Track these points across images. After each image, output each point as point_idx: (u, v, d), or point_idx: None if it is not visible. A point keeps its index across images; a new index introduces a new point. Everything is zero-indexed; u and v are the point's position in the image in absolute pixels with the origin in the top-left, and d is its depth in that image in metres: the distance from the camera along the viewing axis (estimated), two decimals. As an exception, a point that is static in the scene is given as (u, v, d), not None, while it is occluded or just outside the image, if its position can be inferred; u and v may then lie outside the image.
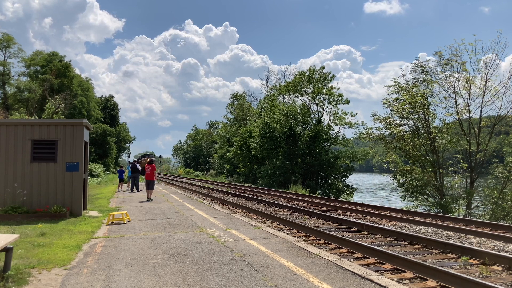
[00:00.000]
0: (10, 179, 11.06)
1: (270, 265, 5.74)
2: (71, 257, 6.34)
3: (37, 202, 11.10)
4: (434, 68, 22.93)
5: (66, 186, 11.36)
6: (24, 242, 7.40)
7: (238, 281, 5.00)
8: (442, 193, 20.98)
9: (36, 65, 50.72)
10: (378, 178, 56.40)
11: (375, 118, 24.05)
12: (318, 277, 5.16)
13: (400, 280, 5.65)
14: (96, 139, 56.48)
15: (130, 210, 12.50)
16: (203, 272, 5.43)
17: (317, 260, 6.09)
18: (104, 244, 7.44)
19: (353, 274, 5.28)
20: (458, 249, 7.32)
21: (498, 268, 6.34)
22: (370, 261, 6.81)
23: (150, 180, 17.46)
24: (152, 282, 4.98)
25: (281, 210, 14.70)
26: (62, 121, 13.27)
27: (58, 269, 5.62)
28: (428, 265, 5.91)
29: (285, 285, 4.83)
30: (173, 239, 7.87)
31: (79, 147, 11.59)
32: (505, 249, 7.82)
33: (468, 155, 21.27)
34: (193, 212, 12.43)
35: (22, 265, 5.66)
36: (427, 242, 8.03)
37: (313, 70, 38.47)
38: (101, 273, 5.40)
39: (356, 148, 38.42)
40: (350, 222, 10.91)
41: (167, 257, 6.29)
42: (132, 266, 5.78)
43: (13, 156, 11.13)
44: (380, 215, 12.63)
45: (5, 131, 11.21)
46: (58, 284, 4.97)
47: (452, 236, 9.22)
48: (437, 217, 12.26)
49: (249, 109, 59.90)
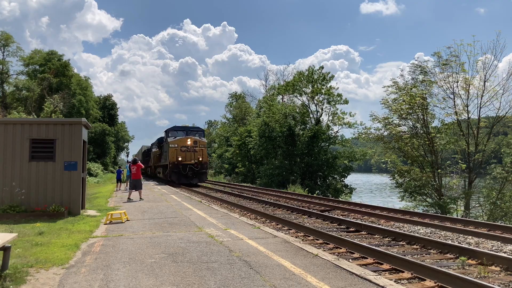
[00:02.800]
0: (8, 178, 11.04)
1: (268, 265, 5.74)
2: (69, 256, 6.33)
3: (35, 201, 11.08)
4: (432, 69, 22.97)
5: (64, 185, 11.34)
6: (22, 241, 7.39)
7: (236, 280, 5.00)
8: (441, 193, 21.01)
9: (34, 64, 50.55)
10: (376, 178, 56.50)
11: (374, 118, 24.09)
12: (317, 277, 5.17)
13: (398, 280, 5.65)
14: (95, 138, 56.35)
15: (128, 210, 12.49)
16: (201, 271, 5.43)
17: (316, 260, 6.09)
18: (102, 243, 7.43)
19: (351, 274, 5.28)
20: (456, 249, 7.33)
21: (496, 268, 6.35)
22: (369, 261, 6.82)
23: (137, 180, 17.27)
24: (150, 282, 4.98)
25: (280, 210, 14.70)
26: (61, 120, 13.24)
27: (56, 268, 5.62)
28: (426, 265, 5.92)
29: (284, 284, 4.83)
30: (171, 238, 7.87)
31: (78, 146, 11.57)
32: (503, 249, 7.83)
33: (467, 156, 21.30)
34: (191, 211, 12.43)
35: (20, 264, 5.65)
36: (425, 242, 8.04)
37: (312, 70, 38.47)
38: (99, 272, 5.39)
39: (355, 148, 38.44)
40: (348, 222, 10.91)
41: (166, 257, 6.29)
42: (130, 265, 5.78)
43: (12, 155, 11.11)
44: (378, 215, 12.64)
45: (3, 130, 11.18)
46: (56, 283, 4.96)
47: (450, 236, 9.24)
48: (435, 218, 12.27)
49: (248, 109, 59.88)
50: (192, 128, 34.09)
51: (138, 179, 17.32)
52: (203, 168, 29.62)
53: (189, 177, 28.74)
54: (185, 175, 28.56)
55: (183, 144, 28.84)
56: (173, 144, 29.10)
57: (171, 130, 31.38)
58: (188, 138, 29.26)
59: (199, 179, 29.68)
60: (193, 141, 29.15)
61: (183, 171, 28.43)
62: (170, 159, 28.74)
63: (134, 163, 17.73)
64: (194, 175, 29.09)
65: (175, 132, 31.06)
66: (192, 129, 33.49)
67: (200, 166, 29.12)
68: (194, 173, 28.95)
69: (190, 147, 28.86)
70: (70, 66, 52.06)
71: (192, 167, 28.77)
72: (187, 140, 28.98)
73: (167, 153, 30.25)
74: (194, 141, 29.33)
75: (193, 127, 36.24)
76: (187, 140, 29.00)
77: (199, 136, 30.76)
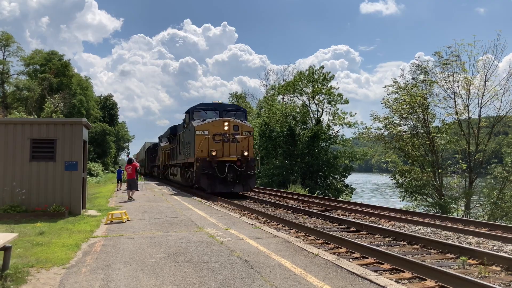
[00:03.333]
0: (9, 178, 11.05)
1: (269, 265, 5.74)
2: (70, 256, 6.34)
3: (36, 201, 11.09)
4: (433, 68, 22.98)
5: (65, 185, 11.35)
6: (23, 241, 7.39)
7: (237, 280, 5.00)
8: (441, 193, 21.01)
9: (35, 64, 50.63)
10: (377, 178, 56.48)
11: (375, 118, 24.11)
12: (317, 276, 5.17)
13: (398, 280, 5.65)
14: (95, 138, 56.44)
15: (129, 210, 12.49)
16: (202, 271, 5.43)
17: (316, 259, 6.09)
18: (103, 243, 7.43)
19: (351, 274, 5.28)
20: (456, 249, 7.32)
21: (496, 268, 6.35)
22: (369, 261, 6.82)
23: (132, 179, 17.26)
24: (151, 281, 4.98)
25: (280, 210, 14.69)
26: (61, 120, 13.25)
27: (56, 268, 5.62)
28: (427, 265, 5.92)
29: (284, 284, 4.83)
30: (172, 238, 7.87)
31: (78, 146, 11.58)
32: (504, 249, 7.83)
33: (467, 156, 21.30)
34: (192, 211, 12.43)
35: (20, 264, 5.65)
36: (426, 242, 8.03)
37: (312, 70, 38.46)
38: (99, 272, 5.39)
39: (355, 148, 38.43)
40: (349, 222, 10.91)
41: (166, 257, 6.29)
42: (131, 265, 5.78)
43: (12, 155, 11.11)
44: (379, 215, 12.64)
45: (4, 130, 11.19)
46: (56, 283, 4.96)
47: (451, 236, 9.23)
48: (436, 217, 12.26)
49: (248, 109, 59.90)
50: (229, 106, 21.74)
51: (132, 178, 17.37)
52: (250, 168, 19.11)
53: (229, 182, 18.50)
54: (224, 180, 18.40)
55: (218, 131, 18.79)
56: (201, 130, 18.87)
57: (197, 109, 20.52)
58: (225, 120, 19.00)
59: (245, 186, 19.13)
60: (232, 126, 19.05)
61: (219, 173, 18.25)
62: (198, 153, 18.69)
63: (129, 163, 17.91)
64: (237, 180, 18.72)
65: (203, 112, 20.26)
66: (228, 107, 21.36)
67: (245, 165, 18.81)
68: (236, 176, 18.67)
69: (228, 135, 18.82)
70: (71, 66, 52.15)
71: (233, 166, 18.53)
72: (223, 124, 18.84)
73: (190, 145, 20.06)
74: (235, 125, 19.22)
75: (230, 105, 23.65)
76: (224, 124, 18.84)
77: (240, 118, 20.34)
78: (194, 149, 19.10)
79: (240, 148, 18.95)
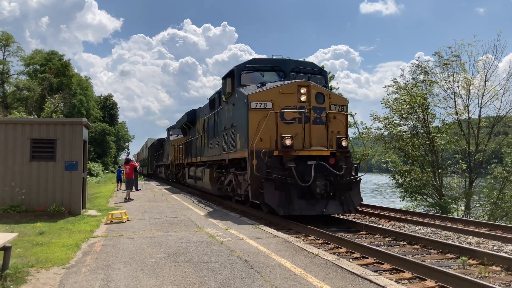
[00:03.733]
0: (9, 177, 11.06)
1: (269, 265, 5.73)
2: (69, 256, 6.33)
3: (35, 201, 11.09)
4: (433, 69, 22.96)
5: (65, 185, 11.35)
6: (23, 241, 7.39)
7: (237, 280, 5.00)
8: (441, 193, 20.99)
9: (35, 64, 50.65)
10: (377, 178, 56.45)
11: (375, 118, 24.09)
12: (317, 276, 5.16)
13: (398, 280, 5.65)
14: (95, 138, 56.45)
15: (129, 209, 12.49)
16: (202, 271, 5.42)
17: (316, 260, 6.09)
18: (103, 243, 7.43)
19: (351, 274, 5.28)
20: (456, 249, 7.32)
21: (496, 268, 6.35)
22: (369, 261, 6.82)
23: (130, 179, 17.50)
24: (151, 281, 4.98)
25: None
26: (61, 120, 13.25)
27: (56, 268, 5.62)
28: (427, 265, 5.92)
29: (284, 284, 4.83)
30: (172, 238, 7.87)
31: (78, 146, 11.58)
32: (504, 249, 7.83)
33: (467, 156, 21.28)
34: (192, 211, 12.43)
35: (20, 264, 5.65)
36: (426, 242, 8.03)
37: (312, 70, 38.37)
38: (99, 272, 5.39)
39: (355, 148, 38.39)
40: (349, 222, 10.90)
41: (166, 257, 6.29)
42: (130, 265, 5.78)
43: (12, 155, 11.12)
44: (379, 215, 12.64)
45: (4, 130, 11.20)
46: (56, 283, 4.96)
47: (451, 236, 9.23)
48: (436, 217, 12.26)
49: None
50: (299, 64, 12.82)
51: (130, 178, 17.57)
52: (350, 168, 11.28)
53: (317, 195, 10.21)
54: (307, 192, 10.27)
55: (290, 103, 10.90)
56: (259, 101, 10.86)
57: (248, 68, 12.26)
58: (301, 85, 11.03)
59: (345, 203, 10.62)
60: (315, 94, 11.07)
61: (300, 179, 10.12)
62: (256, 143, 10.49)
63: (127, 162, 18.13)
64: (331, 191, 10.66)
65: (257, 74, 12.26)
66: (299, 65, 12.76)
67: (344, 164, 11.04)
68: (329, 184, 10.60)
69: (308, 111, 10.96)
70: (71, 66, 52.17)
71: (324, 166, 10.52)
72: (299, 91, 10.90)
73: (236, 129, 12.10)
74: (319, 93, 11.17)
75: (300, 62, 13.20)
76: (300, 90, 10.90)
77: (319, 82, 12.27)
78: (246, 136, 10.97)
79: (332, 134, 11.18)
